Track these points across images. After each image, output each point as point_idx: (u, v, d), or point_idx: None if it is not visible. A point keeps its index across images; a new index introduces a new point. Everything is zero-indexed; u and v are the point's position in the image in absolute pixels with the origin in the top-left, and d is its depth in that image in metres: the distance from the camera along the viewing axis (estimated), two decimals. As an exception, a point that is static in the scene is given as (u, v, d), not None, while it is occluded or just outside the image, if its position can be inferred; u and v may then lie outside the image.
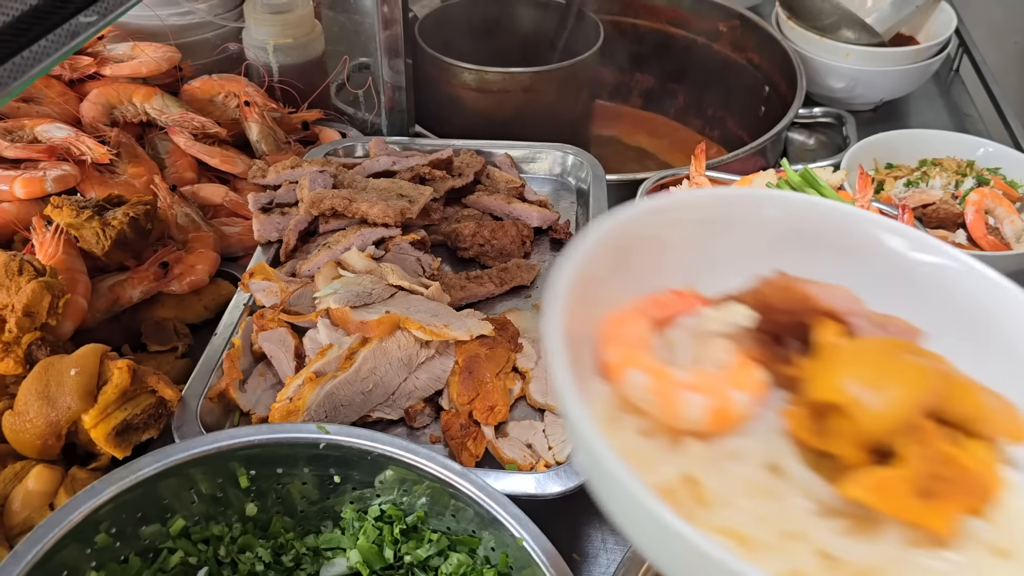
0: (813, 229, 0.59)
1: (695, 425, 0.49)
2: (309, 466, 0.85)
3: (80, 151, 1.22)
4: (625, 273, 0.56)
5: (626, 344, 0.53)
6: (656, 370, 0.51)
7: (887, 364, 0.47)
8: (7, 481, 0.89)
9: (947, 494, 0.45)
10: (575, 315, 0.50)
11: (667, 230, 0.58)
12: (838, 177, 1.29)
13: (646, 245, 0.57)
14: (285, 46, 1.47)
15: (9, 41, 0.67)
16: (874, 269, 0.58)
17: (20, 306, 0.93)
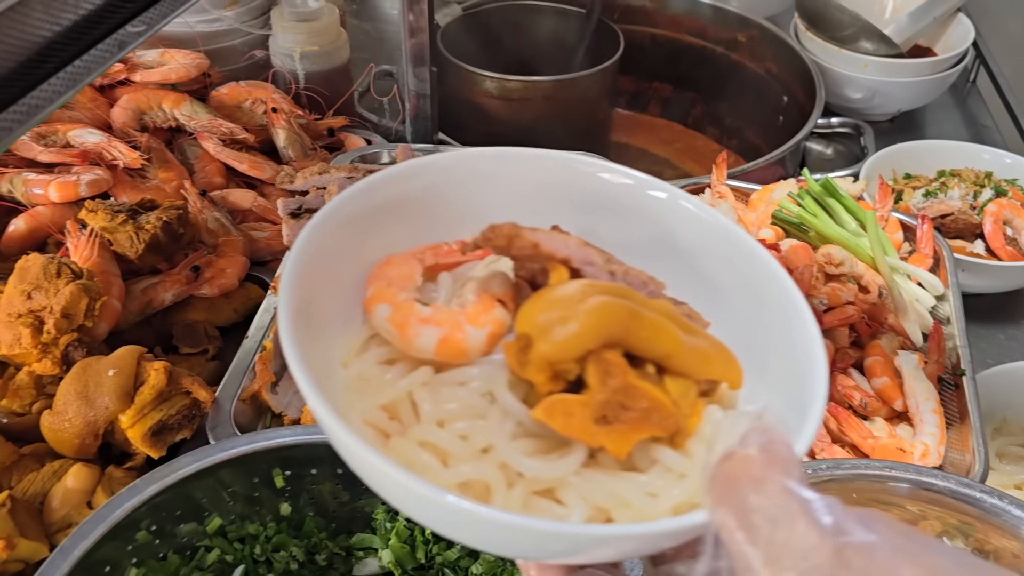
0: (553, 181, 0.65)
1: (428, 354, 0.54)
2: (344, 467, 0.86)
3: (112, 156, 1.25)
4: (404, 226, 0.62)
5: (384, 282, 0.58)
6: (399, 304, 0.56)
7: (570, 301, 0.51)
8: (46, 479, 0.91)
9: (629, 421, 0.50)
10: (317, 279, 0.55)
11: (419, 192, 0.63)
12: (858, 187, 1.30)
13: (411, 201, 0.63)
14: (311, 53, 1.49)
15: (60, 50, 0.69)
16: (622, 218, 0.64)
17: (59, 308, 0.95)
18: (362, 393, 0.53)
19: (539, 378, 0.50)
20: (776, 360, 0.57)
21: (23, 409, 0.98)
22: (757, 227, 1.25)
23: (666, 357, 0.51)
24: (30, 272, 0.98)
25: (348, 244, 0.59)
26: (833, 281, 1.15)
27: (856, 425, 1.02)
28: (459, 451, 0.50)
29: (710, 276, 0.63)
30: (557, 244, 0.57)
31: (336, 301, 0.57)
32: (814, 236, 1.21)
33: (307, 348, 0.50)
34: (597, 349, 0.50)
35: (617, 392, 0.50)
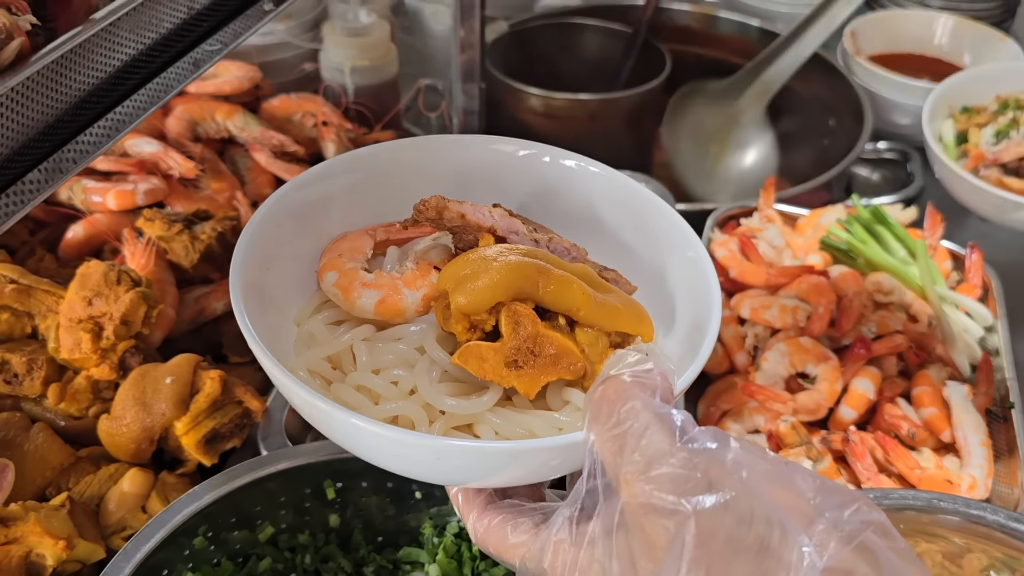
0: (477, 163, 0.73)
1: (369, 314, 0.62)
2: (393, 481, 0.88)
3: (168, 165, 1.27)
4: (359, 207, 0.70)
5: (335, 253, 0.66)
6: (345, 271, 0.64)
7: (484, 260, 0.58)
8: (102, 482, 0.93)
9: (539, 366, 0.56)
10: (267, 258, 0.64)
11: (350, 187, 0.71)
12: (908, 215, 1.30)
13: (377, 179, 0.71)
14: (362, 68, 1.52)
15: (142, 67, 0.71)
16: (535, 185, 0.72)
17: (118, 315, 0.97)
18: (309, 347, 0.62)
19: (458, 328, 0.58)
20: (682, 315, 0.66)
21: (80, 412, 1.00)
22: (805, 252, 1.25)
23: (574, 310, 0.57)
24: (91, 279, 1.00)
25: (299, 227, 0.67)
26: (882, 309, 1.14)
27: (903, 455, 1.02)
28: (389, 393, 0.58)
29: (629, 244, 0.71)
30: (482, 215, 0.65)
31: (293, 273, 0.66)
32: (863, 263, 1.21)
33: (258, 313, 0.59)
34: (508, 302, 0.57)
35: (527, 339, 0.56)
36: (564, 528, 0.51)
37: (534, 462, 0.55)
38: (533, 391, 0.57)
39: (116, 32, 0.65)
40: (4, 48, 0.54)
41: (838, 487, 0.47)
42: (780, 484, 0.46)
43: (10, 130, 0.57)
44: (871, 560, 0.43)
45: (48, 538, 0.82)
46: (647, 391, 0.50)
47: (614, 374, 0.51)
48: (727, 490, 0.44)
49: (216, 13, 0.80)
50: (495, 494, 0.59)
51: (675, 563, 0.44)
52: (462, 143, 0.74)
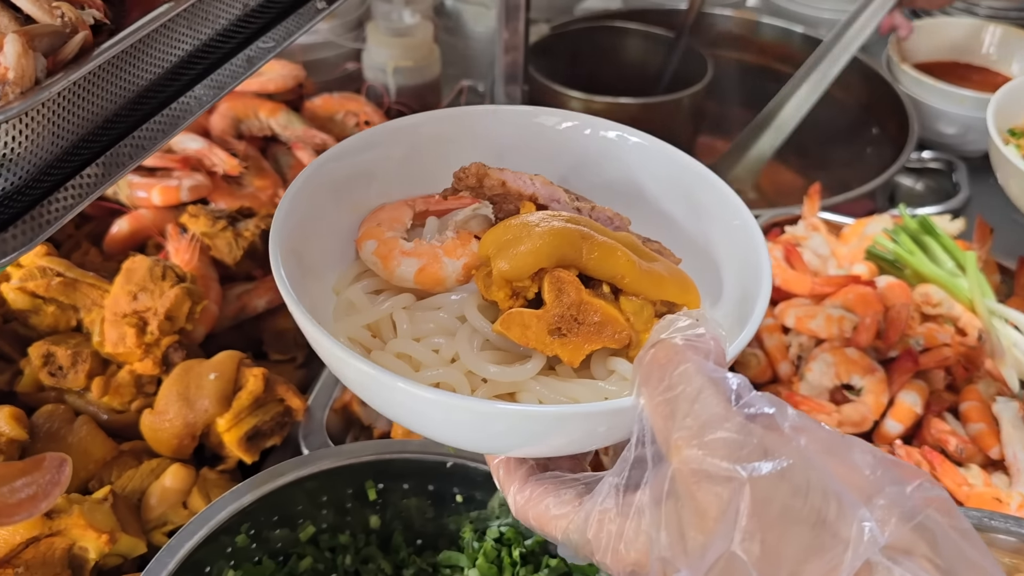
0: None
1: (408, 283, 0.61)
2: (434, 484, 0.87)
3: (212, 162, 1.28)
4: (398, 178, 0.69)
5: (374, 222, 0.66)
6: (385, 239, 0.63)
7: (527, 226, 0.57)
8: (144, 476, 0.93)
9: (583, 334, 0.55)
10: (306, 227, 0.63)
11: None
12: (956, 226, 1.27)
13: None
14: (404, 68, 1.52)
15: (197, 63, 0.71)
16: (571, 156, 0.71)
17: (163, 310, 0.98)
18: (349, 315, 0.61)
19: (500, 296, 0.57)
20: (729, 285, 0.64)
21: (123, 406, 1.01)
22: (850, 261, 1.23)
23: (619, 278, 0.56)
24: (136, 273, 1.00)
25: (339, 197, 0.67)
26: (930, 322, 1.12)
27: (951, 471, 1.00)
28: (430, 361, 0.57)
29: (673, 215, 0.69)
30: (523, 182, 0.64)
31: (331, 241, 0.66)
32: (910, 275, 1.18)
33: (299, 281, 0.58)
34: (551, 268, 0.56)
35: (571, 307, 0.55)
36: (610, 497, 0.49)
37: (580, 428, 0.53)
38: (577, 359, 0.56)
39: (174, 27, 0.65)
40: (68, 42, 0.54)
41: (898, 462, 0.45)
42: (838, 457, 0.44)
43: (71, 123, 0.57)
44: (930, 539, 0.41)
45: (91, 531, 0.82)
46: (700, 354, 0.48)
47: (665, 338, 0.49)
48: (784, 458, 0.42)
49: (269, 10, 0.80)
50: (536, 467, 0.57)
51: (727, 533, 0.42)
52: (502, 115, 0.72)
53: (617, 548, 0.48)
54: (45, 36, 0.53)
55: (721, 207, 0.66)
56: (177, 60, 0.67)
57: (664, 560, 0.45)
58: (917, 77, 1.67)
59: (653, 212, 0.70)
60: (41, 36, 0.53)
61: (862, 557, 0.40)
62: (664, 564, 0.45)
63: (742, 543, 0.41)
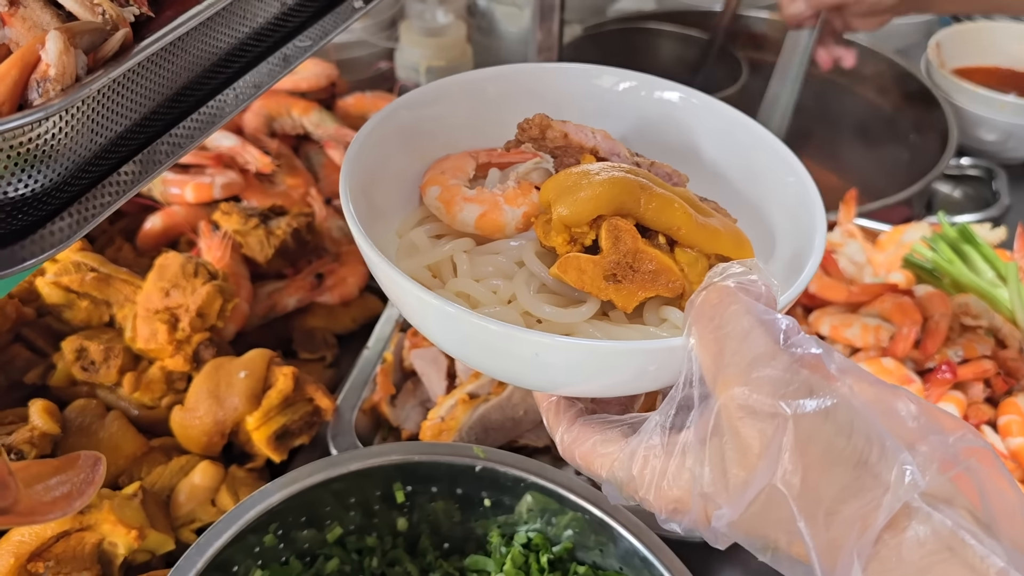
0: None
1: (469, 228, 0.63)
2: (463, 487, 0.87)
3: (245, 160, 1.28)
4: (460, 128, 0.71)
5: (438, 170, 0.67)
6: (448, 186, 0.65)
7: (587, 174, 0.58)
8: (174, 473, 0.93)
9: (637, 281, 0.56)
10: (375, 167, 0.65)
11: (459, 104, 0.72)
12: (996, 235, 1.25)
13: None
14: (437, 68, 1.51)
15: (234, 61, 0.71)
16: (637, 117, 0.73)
17: (194, 307, 0.98)
18: (411, 256, 0.63)
19: (558, 241, 0.58)
20: (783, 245, 0.65)
21: (153, 403, 1.01)
22: (886, 269, 1.21)
23: (675, 229, 0.57)
24: (169, 270, 1.01)
25: (406, 145, 0.69)
26: (969, 333, 1.10)
27: (989, 486, 0.97)
28: (488, 300, 0.59)
29: (730, 177, 0.70)
30: (585, 135, 0.66)
31: (396, 186, 0.68)
32: (948, 284, 1.16)
33: (366, 218, 0.60)
34: (609, 216, 0.57)
35: (627, 255, 0.56)
36: (656, 435, 0.50)
37: (631, 365, 0.53)
38: (631, 305, 0.57)
39: (213, 25, 0.65)
40: (109, 39, 0.54)
41: (943, 412, 0.45)
42: (883, 402, 0.45)
43: (110, 120, 0.57)
44: (971, 490, 0.42)
45: (121, 527, 0.82)
46: (751, 296, 0.48)
47: (718, 281, 0.50)
48: (829, 397, 0.43)
49: (305, 9, 0.80)
50: (585, 410, 0.58)
51: (769, 469, 0.43)
52: (565, 72, 0.74)
53: (660, 485, 0.48)
54: (86, 33, 0.53)
55: (777, 165, 0.67)
56: (215, 58, 0.67)
57: (706, 496, 0.46)
58: (956, 82, 1.64)
59: (710, 173, 0.71)
60: (82, 33, 0.53)
61: (901, 500, 0.41)
62: (706, 500, 0.46)
63: (783, 478, 0.42)
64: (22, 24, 0.54)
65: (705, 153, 0.72)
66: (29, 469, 0.45)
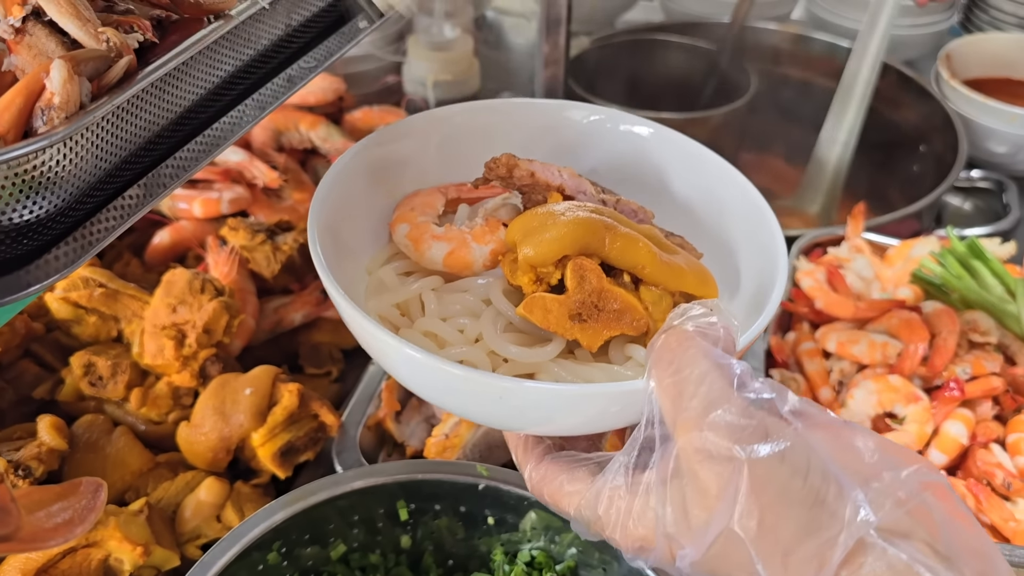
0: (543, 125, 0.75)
1: (438, 265, 0.64)
2: (466, 505, 0.87)
3: (252, 174, 1.29)
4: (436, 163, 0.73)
5: (408, 207, 0.68)
6: (417, 223, 0.66)
7: (553, 215, 0.59)
8: (179, 489, 0.94)
9: (602, 320, 0.57)
10: (343, 207, 0.67)
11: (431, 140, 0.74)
12: (1006, 250, 1.24)
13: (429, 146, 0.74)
14: (444, 82, 1.52)
15: (239, 83, 0.72)
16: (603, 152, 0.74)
17: (201, 323, 0.98)
18: (380, 294, 0.64)
19: (524, 281, 0.59)
20: (748, 280, 0.66)
21: (160, 418, 1.01)
22: (894, 285, 1.20)
23: (639, 268, 0.58)
24: (176, 286, 1.01)
25: (375, 181, 0.69)
26: (977, 349, 1.09)
27: (997, 505, 0.97)
28: (455, 339, 0.60)
29: (696, 212, 0.72)
30: (551, 173, 0.67)
31: (366, 224, 0.69)
32: (956, 300, 1.15)
33: (334, 259, 0.61)
34: (575, 256, 0.58)
35: (591, 294, 0.57)
36: (620, 475, 0.51)
37: (594, 407, 0.55)
38: (596, 344, 0.58)
39: (217, 49, 0.65)
40: (113, 67, 0.55)
41: (898, 447, 0.46)
42: (839, 441, 0.46)
43: (113, 146, 0.58)
44: (930, 523, 0.42)
45: (127, 543, 0.83)
46: (709, 340, 0.50)
47: (677, 324, 0.52)
48: (783, 440, 0.44)
49: (310, 30, 0.80)
50: (553, 446, 0.60)
51: (727, 511, 0.44)
52: (534, 107, 0.76)
53: (626, 524, 0.50)
54: (90, 61, 0.54)
55: (741, 201, 0.69)
56: (219, 81, 0.67)
57: (669, 536, 0.47)
58: (967, 94, 1.64)
59: (678, 206, 0.73)
60: (87, 61, 0.53)
61: (855, 536, 0.42)
62: (669, 540, 0.47)
63: (740, 520, 0.43)
64: (27, 52, 0.54)
65: (674, 186, 0.73)
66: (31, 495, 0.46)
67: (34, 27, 0.54)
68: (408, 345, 0.54)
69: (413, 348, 0.54)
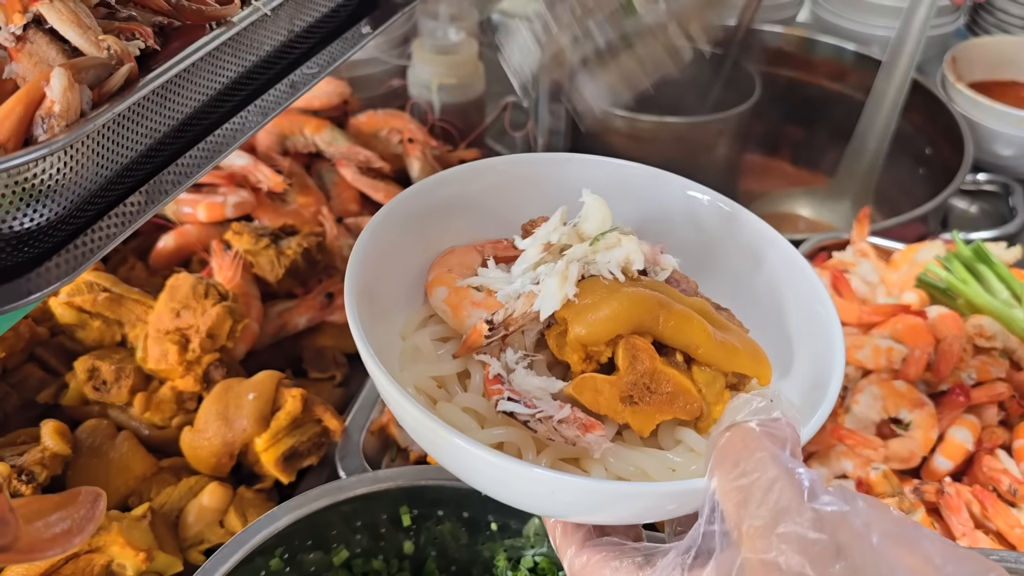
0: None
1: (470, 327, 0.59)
2: (469, 511, 0.86)
3: (257, 179, 1.29)
4: (468, 223, 0.69)
5: (444, 268, 0.65)
6: (456, 288, 0.63)
7: (605, 290, 0.56)
8: (183, 494, 0.94)
9: (654, 403, 0.54)
10: (380, 266, 0.63)
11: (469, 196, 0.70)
12: (1012, 254, 1.23)
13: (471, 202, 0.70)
14: (449, 86, 1.52)
15: (241, 89, 0.72)
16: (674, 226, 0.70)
17: (205, 328, 0.98)
18: (415, 363, 0.61)
19: (573, 358, 0.56)
20: (802, 361, 0.63)
21: (163, 422, 1.02)
22: (899, 289, 1.20)
23: (693, 347, 0.56)
24: (180, 291, 1.01)
25: (411, 236, 0.66)
26: (983, 354, 1.08)
27: (1003, 512, 0.96)
28: (497, 418, 0.56)
29: (745, 280, 0.68)
30: None
31: (400, 283, 0.65)
32: (962, 304, 1.15)
33: (370, 322, 0.58)
34: (627, 335, 0.55)
35: (644, 375, 0.55)
36: (675, 572, 0.49)
37: (649, 504, 0.53)
38: (647, 429, 0.55)
39: (219, 56, 0.65)
40: (114, 74, 0.55)
41: (968, 553, 0.45)
42: (907, 547, 0.44)
43: (115, 153, 0.58)
44: None
45: (129, 549, 0.83)
46: (776, 443, 0.48)
47: (740, 420, 0.49)
48: (856, 557, 0.42)
49: (313, 35, 0.81)
50: (593, 530, 0.57)
51: None
52: (577, 163, 0.72)
53: None
54: (91, 69, 0.54)
55: (795, 278, 0.65)
56: (221, 88, 0.67)
57: None
58: (972, 97, 1.63)
59: (725, 275, 0.68)
60: (87, 69, 0.53)
61: None
62: None
63: None
64: (28, 60, 0.54)
65: (722, 254, 0.69)
66: (30, 505, 0.46)
67: (35, 35, 0.54)
68: (447, 429, 0.51)
69: (451, 432, 0.51)
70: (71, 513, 0.46)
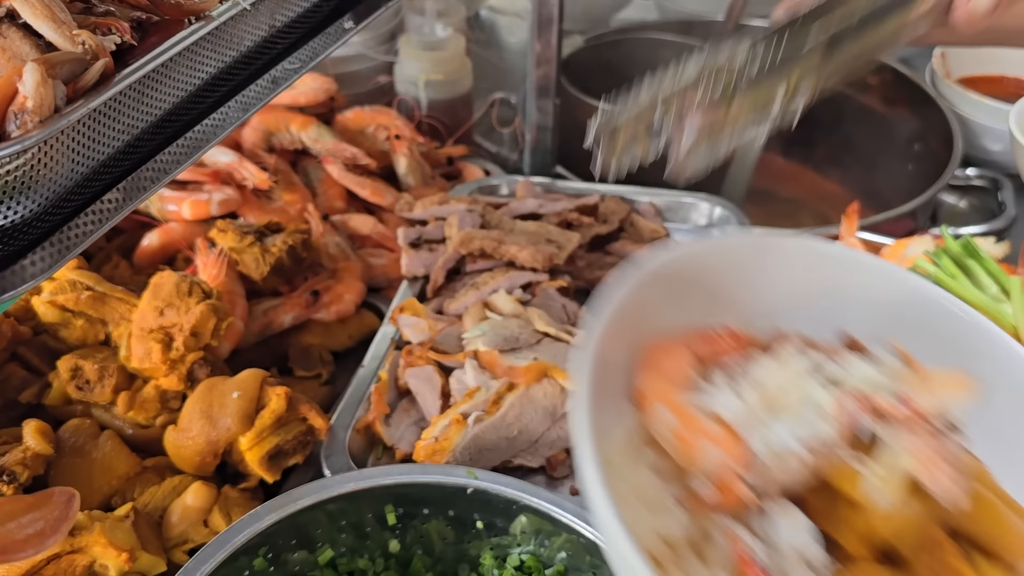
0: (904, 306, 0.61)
1: (709, 475, 0.50)
2: (455, 509, 0.86)
3: (242, 176, 1.28)
4: (676, 306, 0.58)
5: (663, 376, 0.54)
6: (684, 413, 0.51)
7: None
8: (166, 494, 0.93)
9: None
10: (614, 339, 0.51)
11: (726, 271, 0.60)
12: (1000, 249, 1.23)
13: (704, 280, 0.59)
14: (436, 82, 1.51)
15: (222, 85, 0.71)
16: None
17: (188, 326, 0.98)
18: (638, 508, 0.49)
19: (854, 543, 0.46)
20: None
21: (147, 422, 1.01)
22: (888, 285, 1.19)
23: (993, 540, 0.47)
24: (163, 289, 1.00)
25: (659, 304, 0.55)
26: (971, 349, 1.08)
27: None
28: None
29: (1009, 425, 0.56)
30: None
31: (608, 377, 0.52)
32: (950, 299, 1.15)
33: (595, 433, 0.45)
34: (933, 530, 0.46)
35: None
36: None
37: None
38: None
39: (198, 51, 0.64)
40: (88, 69, 0.54)
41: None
42: None
43: (91, 149, 0.57)
44: None
45: (112, 549, 0.82)
46: None
47: None
48: None
49: (295, 31, 0.80)
50: None
51: None
52: (819, 254, 0.62)
53: None
54: (66, 64, 0.53)
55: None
56: (200, 83, 0.67)
57: None
58: (962, 92, 1.63)
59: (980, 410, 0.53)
60: (62, 64, 0.53)
61: None
62: None
63: None
64: (1, 55, 0.54)
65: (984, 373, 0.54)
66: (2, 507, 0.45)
67: (8, 29, 0.53)
68: None
69: None
70: (45, 514, 0.45)
